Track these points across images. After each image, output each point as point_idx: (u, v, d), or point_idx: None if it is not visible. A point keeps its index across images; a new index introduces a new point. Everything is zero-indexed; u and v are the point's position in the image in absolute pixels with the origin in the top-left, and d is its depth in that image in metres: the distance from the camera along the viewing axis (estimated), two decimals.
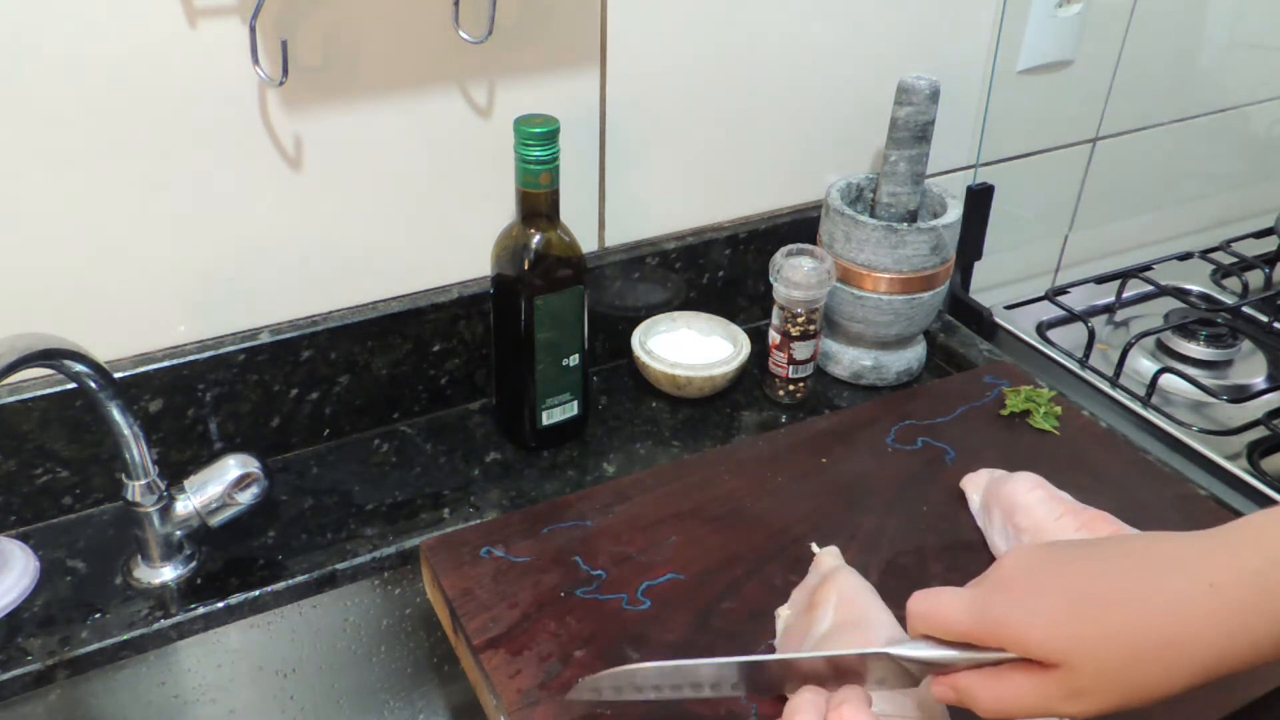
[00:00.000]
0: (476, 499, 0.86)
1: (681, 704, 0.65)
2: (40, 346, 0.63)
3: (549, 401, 0.88)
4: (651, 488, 0.83)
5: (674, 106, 0.94)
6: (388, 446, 0.91)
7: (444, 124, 0.85)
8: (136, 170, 0.75)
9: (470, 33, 0.80)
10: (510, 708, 0.64)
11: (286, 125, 0.79)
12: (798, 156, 1.04)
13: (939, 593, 0.51)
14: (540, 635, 0.69)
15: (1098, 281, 1.21)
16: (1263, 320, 1.16)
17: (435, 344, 0.91)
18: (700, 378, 0.94)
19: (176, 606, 0.76)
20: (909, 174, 0.97)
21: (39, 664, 0.71)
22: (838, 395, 1.00)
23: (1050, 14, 1.09)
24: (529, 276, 0.82)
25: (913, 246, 0.94)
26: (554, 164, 0.80)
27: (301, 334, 0.85)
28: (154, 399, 0.81)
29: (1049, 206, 1.25)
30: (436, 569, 0.75)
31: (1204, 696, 0.66)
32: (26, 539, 0.80)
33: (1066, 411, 0.92)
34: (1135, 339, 1.06)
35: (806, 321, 0.94)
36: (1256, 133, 1.38)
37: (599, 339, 1.01)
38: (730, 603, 0.73)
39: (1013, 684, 0.49)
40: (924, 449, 0.88)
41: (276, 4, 0.74)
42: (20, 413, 0.77)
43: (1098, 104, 1.20)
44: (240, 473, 0.75)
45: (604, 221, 0.97)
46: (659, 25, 0.90)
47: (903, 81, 0.94)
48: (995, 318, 1.14)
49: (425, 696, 0.88)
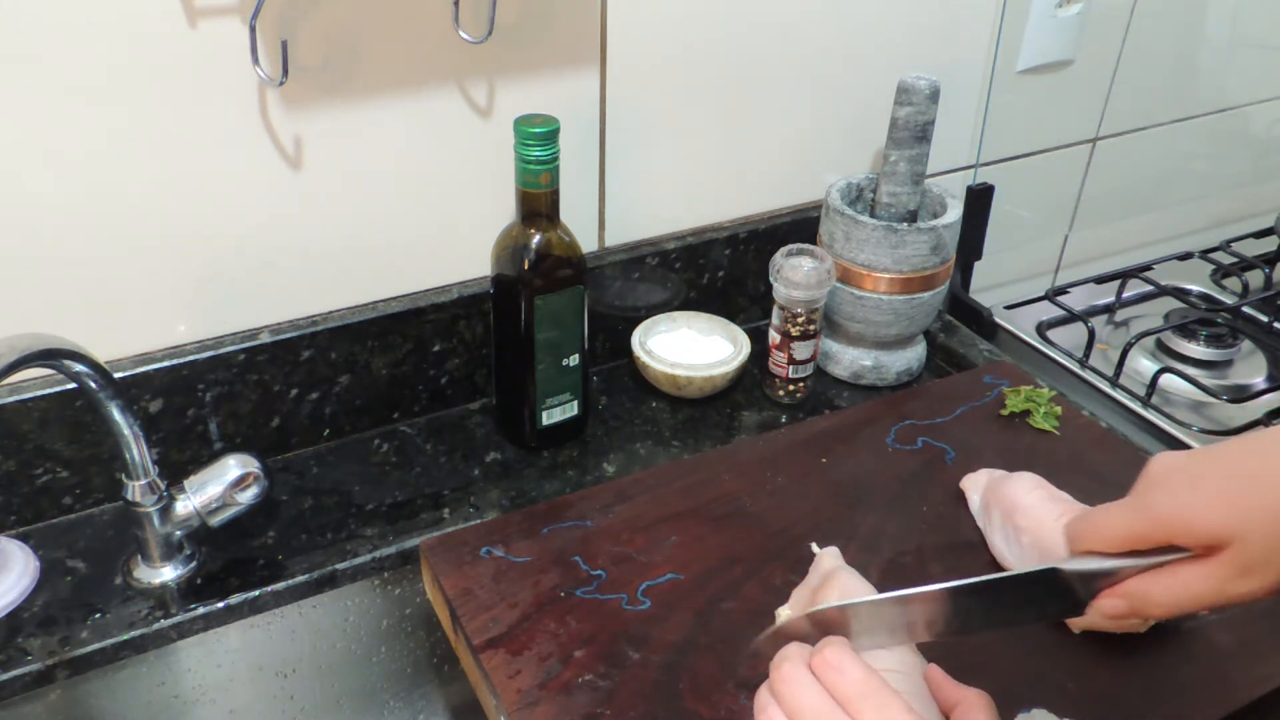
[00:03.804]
0: (476, 499, 0.86)
1: (682, 704, 0.65)
2: (40, 346, 0.63)
3: (549, 401, 0.88)
4: (651, 488, 0.83)
5: (674, 106, 0.94)
6: (388, 446, 0.91)
7: (444, 124, 0.85)
8: (136, 170, 0.75)
9: (470, 33, 0.80)
10: (510, 708, 0.64)
11: (286, 125, 0.79)
12: (798, 156, 1.04)
13: (1093, 510, 0.53)
14: (540, 635, 0.69)
15: (1098, 281, 1.21)
16: (1263, 320, 1.17)
17: (435, 344, 0.91)
18: (700, 378, 0.94)
19: (176, 606, 0.76)
20: (909, 174, 0.97)
21: (39, 664, 0.71)
22: (838, 395, 1.00)
23: (1050, 14, 1.09)
24: (529, 276, 0.82)
25: (913, 246, 0.94)
26: (554, 164, 0.80)
27: (301, 334, 0.85)
28: (154, 399, 0.81)
29: (1049, 206, 1.25)
30: (436, 569, 0.75)
31: (1204, 696, 0.67)
32: (26, 539, 0.80)
33: (1066, 411, 0.92)
34: (1135, 339, 1.06)
35: (806, 321, 0.94)
36: (1256, 133, 1.38)
37: (599, 339, 1.01)
38: (730, 603, 0.73)
39: (1182, 576, 0.50)
40: (924, 449, 0.88)
41: (276, 4, 0.74)
42: (20, 413, 0.77)
43: (1098, 104, 1.20)
44: (240, 473, 0.75)
45: (604, 221, 0.97)
46: (659, 25, 0.90)
47: (903, 81, 0.94)
48: (995, 318, 1.14)
49: (425, 696, 0.88)
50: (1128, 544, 0.51)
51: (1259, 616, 0.72)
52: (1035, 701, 0.64)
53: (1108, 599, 0.52)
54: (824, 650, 0.50)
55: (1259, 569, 0.48)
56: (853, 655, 0.50)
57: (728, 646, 0.69)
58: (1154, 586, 0.51)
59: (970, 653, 0.61)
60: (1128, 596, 0.51)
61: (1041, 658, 0.69)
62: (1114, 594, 0.52)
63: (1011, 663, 0.69)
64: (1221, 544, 0.49)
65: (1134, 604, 0.51)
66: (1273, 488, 0.49)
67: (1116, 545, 0.52)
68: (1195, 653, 0.70)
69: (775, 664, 0.52)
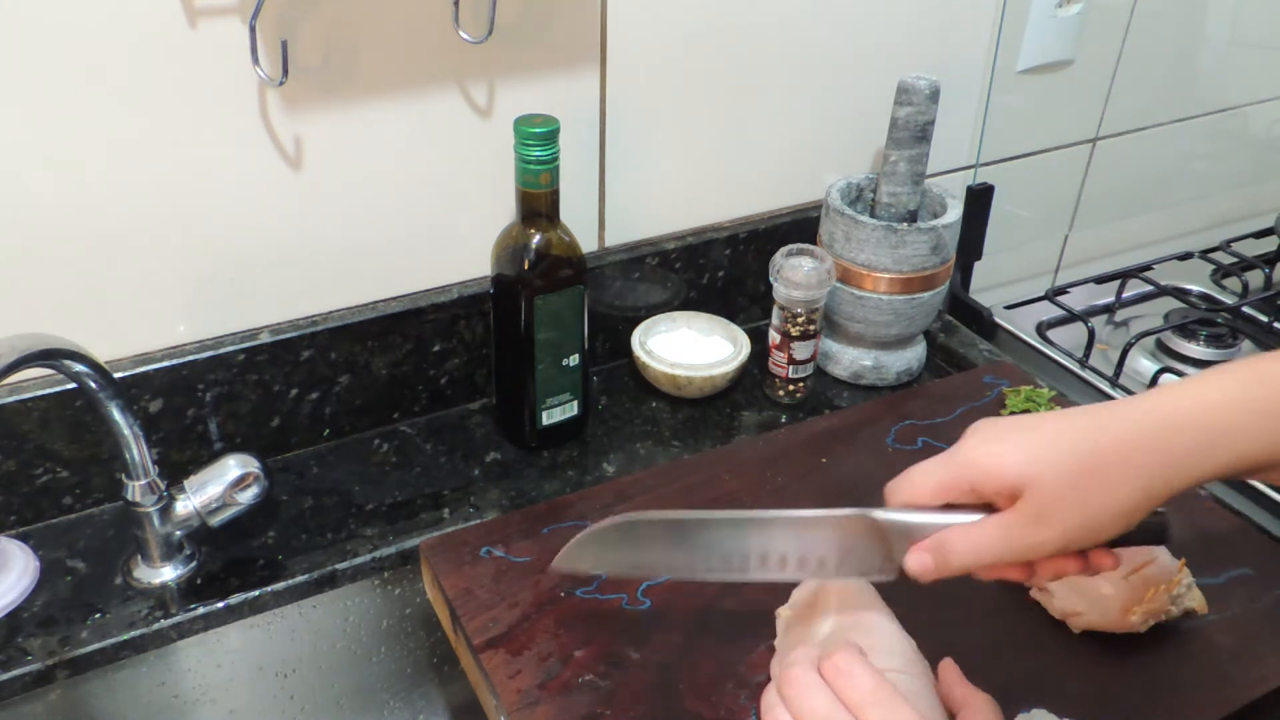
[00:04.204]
0: (476, 499, 0.86)
1: (683, 704, 0.65)
2: (40, 346, 0.63)
3: (549, 401, 0.88)
4: (651, 488, 0.83)
5: (674, 106, 0.94)
6: (388, 446, 0.91)
7: (444, 124, 0.85)
8: (136, 170, 0.75)
9: (470, 33, 0.80)
10: (510, 708, 0.64)
11: (286, 125, 0.79)
12: (798, 156, 1.04)
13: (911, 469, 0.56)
14: (540, 635, 0.69)
15: (1098, 281, 1.21)
16: (1263, 320, 1.16)
17: (435, 344, 0.91)
18: (700, 378, 0.94)
19: (176, 606, 0.76)
20: (909, 174, 0.97)
21: (39, 664, 0.71)
22: (838, 395, 1.00)
23: (1050, 14, 1.09)
24: (529, 276, 0.82)
25: (913, 246, 0.94)
26: (554, 164, 0.80)
27: (301, 334, 0.85)
28: (154, 399, 0.81)
29: (1049, 206, 1.25)
30: (436, 569, 0.75)
31: (1204, 696, 0.67)
32: (26, 539, 0.80)
33: None
34: (1135, 339, 1.06)
35: (806, 321, 0.94)
36: (1256, 133, 1.38)
37: (599, 339, 1.01)
38: (730, 603, 0.73)
39: (980, 526, 0.53)
40: (924, 449, 0.88)
41: (276, 4, 0.74)
42: (20, 413, 0.77)
43: (1098, 104, 1.20)
44: (240, 473, 0.75)
45: (604, 221, 0.97)
46: (659, 25, 0.90)
47: (903, 81, 0.94)
48: (995, 318, 1.14)
49: (425, 696, 0.88)
50: (937, 493, 0.55)
51: (1259, 616, 0.72)
52: (1035, 701, 0.64)
53: (913, 553, 0.55)
54: (834, 655, 0.51)
55: (1049, 518, 0.52)
56: (863, 661, 0.51)
57: (728, 647, 0.69)
58: (954, 536, 0.54)
59: (970, 653, 0.61)
60: (930, 550, 0.54)
61: (1041, 658, 0.69)
62: (919, 548, 0.55)
63: (1011, 663, 0.69)
64: (1017, 491, 0.52)
65: (936, 557, 0.54)
66: (1066, 442, 0.52)
67: (927, 495, 0.55)
68: (1195, 653, 0.70)
69: (784, 666, 0.53)
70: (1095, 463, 0.52)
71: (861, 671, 0.50)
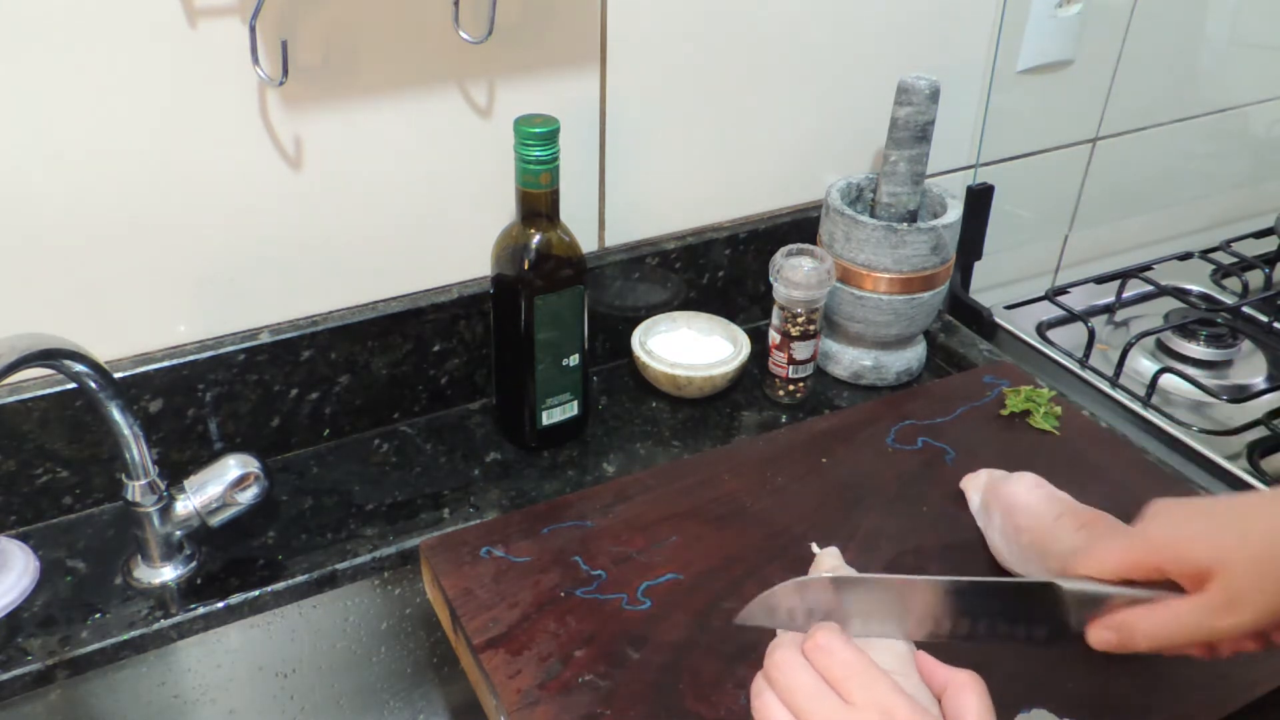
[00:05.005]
0: (476, 499, 0.86)
1: (683, 704, 0.65)
2: (40, 346, 0.63)
3: (549, 401, 0.88)
4: (651, 488, 0.83)
5: (674, 106, 0.94)
6: (388, 446, 0.91)
7: (444, 124, 0.85)
8: (136, 170, 0.75)
9: (470, 33, 0.80)
10: (510, 708, 0.64)
11: (286, 125, 0.79)
12: (798, 156, 1.04)
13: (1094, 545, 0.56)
14: (540, 635, 0.69)
15: (1098, 281, 1.21)
16: (1263, 320, 1.16)
17: (435, 344, 0.91)
18: (700, 378, 0.94)
19: (176, 606, 0.76)
20: (909, 174, 0.97)
21: (39, 664, 0.71)
22: (838, 395, 1.00)
23: (1050, 14, 1.09)
24: (529, 276, 0.82)
25: (913, 246, 0.94)
26: (554, 164, 0.80)
27: (301, 334, 0.85)
28: (154, 399, 0.81)
29: (1049, 206, 1.25)
30: (436, 569, 0.75)
31: (1204, 696, 0.67)
32: (26, 539, 0.80)
33: (1066, 411, 0.92)
34: (1135, 339, 1.06)
35: (806, 321, 0.94)
36: (1256, 133, 1.38)
37: (599, 339, 1.01)
38: (730, 603, 0.72)
39: (1169, 608, 0.52)
40: (924, 449, 0.88)
41: (276, 4, 0.74)
42: (20, 413, 0.77)
43: (1098, 104, 1.20)
44: (240, 473, 0.75)
45: (604, 221, 0.97)
46: (659, 25, 0.90)
47: (903, 81, 0.94)
48: (995, 318, 1.14)
49: (425, 696, 0.88)
50: (1123, 570, 0.54)
51: None
52: (1035, 701, 0.64)
53: (1096, 629, 0.54)
54: (815, 634, 0.52)
55: (1241, 603, 0.51)
56: (842, 638, 0.52)
57: (728, 646, 0.69)
58: (1141, 618, 0.53)
59: (970, 652, 0.61)
60: (1116, 627, 0.54)
61: (1041, 658, 0.69)
62: (1103, 624, 0.54)
63: (1011, 663, 0.68)
64: (1207, 575, 0.51)
65: (1121, 635, 0.53)
66: (1260, 525, 0.52)
67: (1112, 572, 0.54)
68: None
69: (769, 651, 0.54)
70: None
71: (841, 647, 0.51)
